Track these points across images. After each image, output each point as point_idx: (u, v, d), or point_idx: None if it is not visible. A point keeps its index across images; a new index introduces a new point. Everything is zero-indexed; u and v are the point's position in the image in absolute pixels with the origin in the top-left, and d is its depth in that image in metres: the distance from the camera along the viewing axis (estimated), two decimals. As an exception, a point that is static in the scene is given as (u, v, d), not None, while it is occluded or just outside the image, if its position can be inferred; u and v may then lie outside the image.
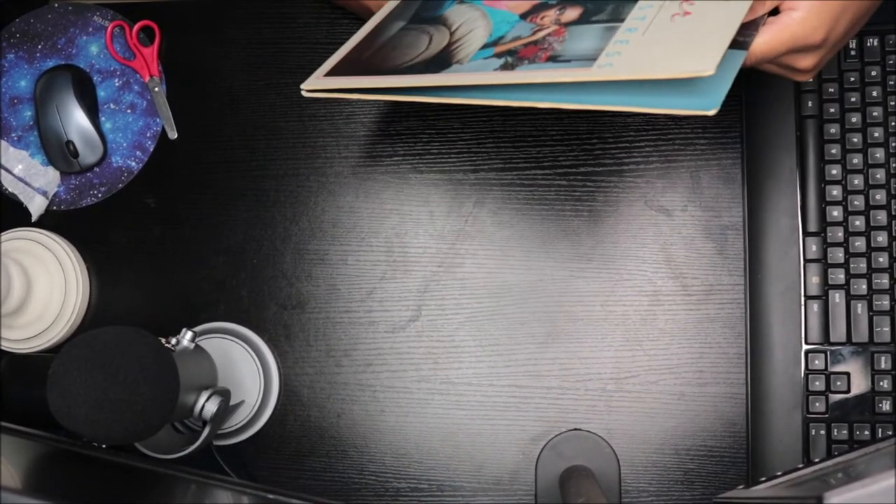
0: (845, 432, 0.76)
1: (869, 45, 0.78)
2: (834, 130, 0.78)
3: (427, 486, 0.82)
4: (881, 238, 0.77)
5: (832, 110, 0.78)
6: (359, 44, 0.68)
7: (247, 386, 0.82)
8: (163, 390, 0.63)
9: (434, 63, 0.64)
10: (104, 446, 0.66)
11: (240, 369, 0.82)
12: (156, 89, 0.86)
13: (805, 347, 0.78)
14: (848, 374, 0.77)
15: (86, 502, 0.53)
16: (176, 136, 0.86)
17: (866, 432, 0.76)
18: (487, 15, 0.67)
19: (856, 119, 0.78)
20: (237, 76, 0.86)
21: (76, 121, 0.85)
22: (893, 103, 0.78)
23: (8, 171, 0.86)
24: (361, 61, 0.67)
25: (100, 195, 0.86)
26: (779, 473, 0.64)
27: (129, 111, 0.86)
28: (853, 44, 0.78)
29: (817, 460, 0.68)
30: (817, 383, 0.77)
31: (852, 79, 0.78)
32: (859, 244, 0.77)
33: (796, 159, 0.79)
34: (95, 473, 0.63)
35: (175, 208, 0.86)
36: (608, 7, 0.64)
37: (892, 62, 0.78)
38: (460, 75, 0.62)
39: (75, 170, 0.85)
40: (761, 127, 0.79)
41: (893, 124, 0.78)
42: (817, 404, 0.77)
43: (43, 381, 0.61)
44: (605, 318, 0.82)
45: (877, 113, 0.78)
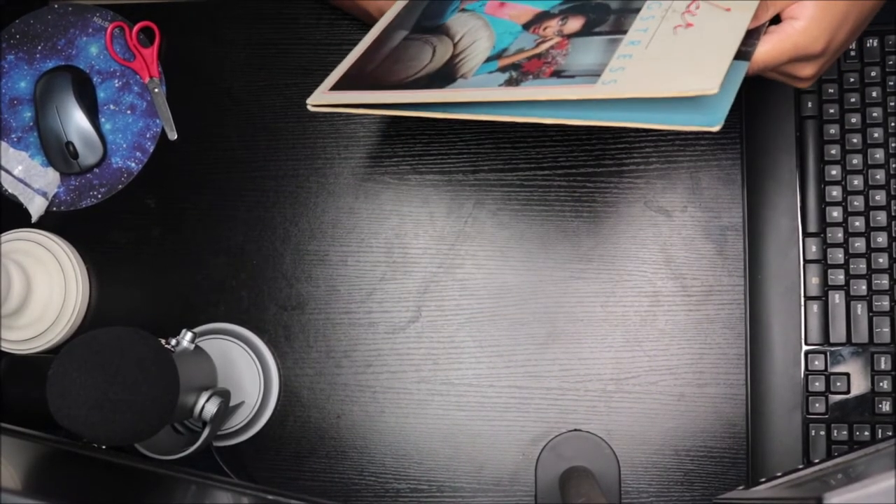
0: (845, 433, 0.76)
1: (869, 45, 0.78)
2: (834, 131, 0.78)
3: (427, 487, 0.82)
4: (881, 239, 0.77)
5: (832, 111, 0.78)
6: (362, 55, 0.68)
7: (246, 387, 0.82)
8: (163, 391, 0.63)
9: (438, 77, 0.64)
10: (104, 447, 0.66)
11: (239, 370, 0.82)
12: (156, 90, 0.86)
13: (805, 348, 0.78)
14: (848, 374, 0.77)
15: (85, 503, 0.53)
16: (176, 136, 0.86)
17: (866, 433, 0.76)
18: (490, 25, 0.68)
19: (855, 120, 0.78)
20: (237, 77, 0.87)
21: (76, 122, 0.85)
22: (893, 104, 0.78)
23: (8, 172, 0.86)
24: (365, 75, 0.67)
25: (100, 196, 0.86)
26: (779, 474, 0.64)
27: (128, 112, 0.87)
28: (853, 45, 0.78)
29: (817, 461, 0.68)
30: (817, 384, 0.77)
31: (852, 80, 0.78)
32: (859, 245, 0.77)
33: (796, 160, 0.79)
34: (95, 474, 0.63)
35: (175, 209, 0.86)
36: (610, 18, 0.64)
37: (891, 63, 0.78)
38: (466, 91, 0.63)
39: (75, 171, 0.85)
40: (761, 128, 0.79)
41: (893, 125, 0.78)
42: (817, 405, 0.77)
43: (43, 382, 0.61)
44: (604, 319, 0.82)
45: (876, 114, 0.78)
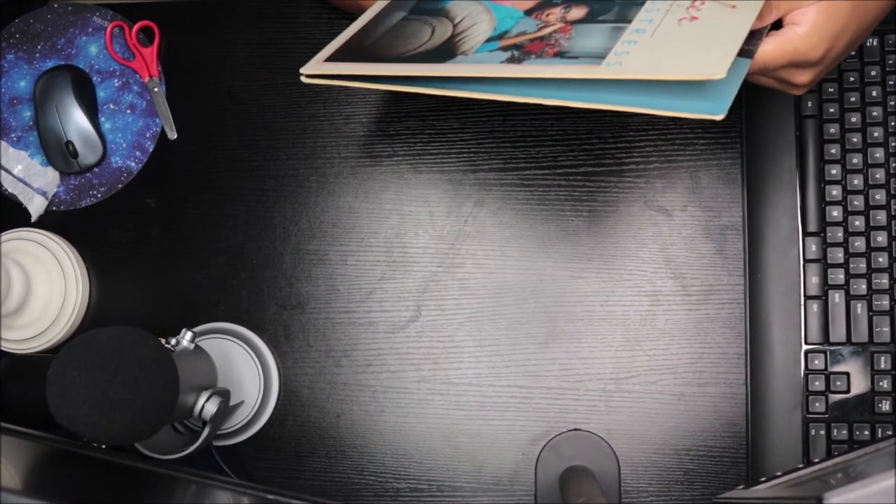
0: (845, 432, 0.76)
1: (869, 45, 0.78)
2: (833, 130, 0.78)
3: (427, 487, 0.82)
4: (881, 238, 0.77)
5: (832, 110, 0.78)
6: (359, 31, 0.67)
7: (246, 386, 0.82)
8: (162, 390, 0.63)
9: (438, 53, 0.63)
10: (104, 447, 0.66)
11: (239, 370, 0.82)
12: (155, 89, 0.86)
13: (805, 347, 0.78)
14: (848, 374, 0.77)
15: (86, 502, 0.53)
16: (175, 136, 0.86)
17: (866, 432, 0.76)
18: (491, 10, 0.67)
19: (855, 119, 0.78)
20: (237, 76, 0.86)
21: (76, 121, 0.85)
22: (893, 103, 0.78)
23: (7, 171, 0.86)
24: (362, 49, 0.65)
25: (99, 195, 0.86)
26: (779, 473, 0.64)
27: (128, 111, 0.86)
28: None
29: (817, 460, 0.68)
30: (817, 383, 0.77)
31: (852, 79, 0.78)
32: (859, 244, 0.77)
33: (796, 159, 0.79)
34: (95, 474, 0.63)
35: (175, 208, 0.86)
36: (614, 8, 0.63)
37: (891, 62, 0.78)
38: (466, 66, 0.62)
39: (75, 170, 0.85)
40: (761, 127, 0.79)
41: (893, 124, 0.78)
42: (817, 404, 0.77)
43: (42, 382, 0.61)
44: (604, 319, 0.82)
45: (876, 113, 0.78)
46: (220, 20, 0.87)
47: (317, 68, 0.64)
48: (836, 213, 0.78)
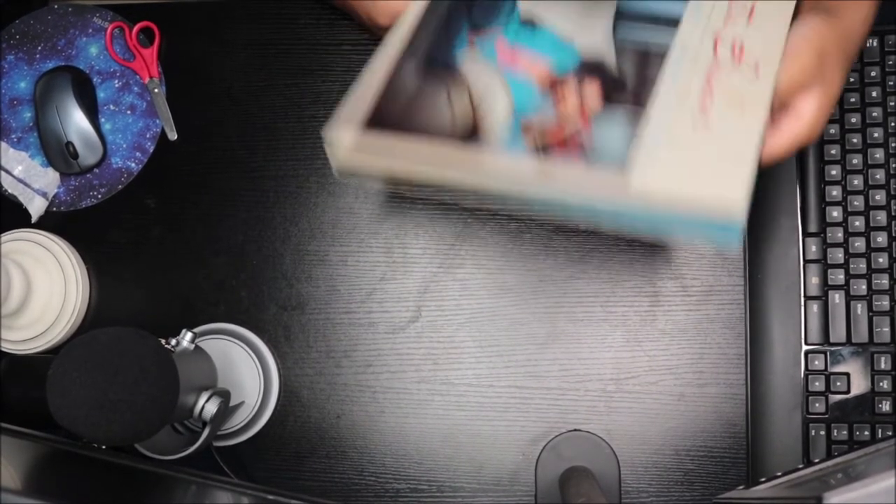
0: (845, 433, 0.76)
1: (869, 45, 0.78)
2: (833, 131, 0.78)
3: (427, 487, 0.82)
4: (881, 238, 0.77)
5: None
6: (382, 93, 0.66)
7: (247, 387, 0.82)
8: (163, 391, 0.63)
9: (463, 137, 0.65)
10: (104, 447, 0.66)
11: (239, 370, 0.82)
12: (155, 90, 0.86)
13: (805, 348, 0.78)
14: (848, 374, 0.77)
15: (85, 503, 0.53)
16: (176, 137, 0.86)
17: (866, 433, 0.76)
18: (504, 79, 0.68)
19: (855, 119, 0.78)
20: (237, 77, 0.87)
21: (76, 122, 0.85)
22: (893, 104, 0.78)
23: (8, 172, 0.86)
24: (386, 120, 0.66)
25: (99, 196, 0.86)
26: (779, 474, 0.64)
27: (128, 112, 0.87)
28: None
29: (817, 461, 0.68)
30: (817, 384, 0.77)
31: (852, 79, 0.78)
32: (859, 245, 0.77)
33: (796, 160, 0.79)
34: (95, 474, 0.63)
35: (175, 209, 0.86)
36: (627, 84, 0.66)
37: (891, 63, 0.78)
38: (498, 160, 0.64)
39: (75, 171, 0.85)
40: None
41: (893, 125, 0.78)
42: (817, 405, 0.77)
43: (43, 382, 0.61)
44: (604, 319, 0.82)
45: (876, 113, 0.78)
46: (220, 20, 0.87)
47: (357, 144, 0.64)
48: (836, 213, 0.78)
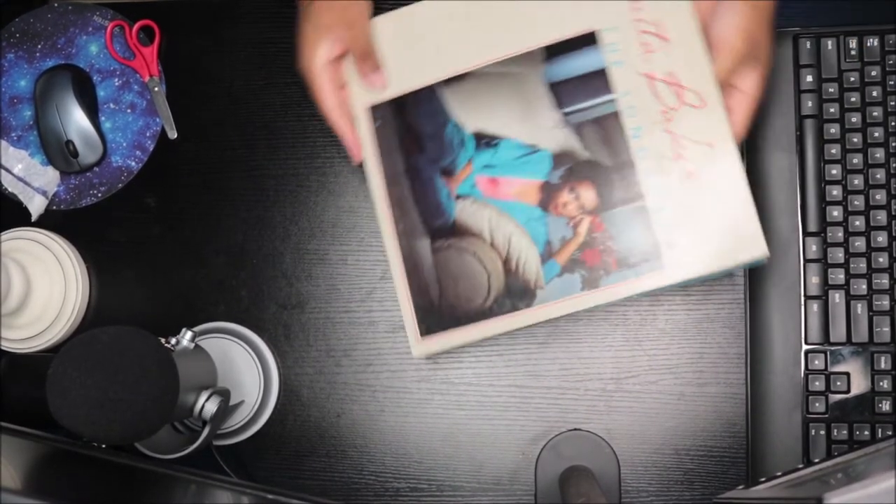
0: (845, 432, 0.76)
1: (869, 45, 0.78)
2: (834, 130, 0.78)
3: (427, 486, 0.82)
4: (881, 238, 0.77)
5: (832, 110, 0.78)
6: (412, 289, 0.74)
7: (246, 386, 0.82)
8: (163, 390, 0.63)
9: (516, 295, 0.72)
10: (104, 447, 0.66)
11: (239, 369, 0.82)
12: (155, 89, 0.86)
13: (805, 347, 0.78)
14: (848, 374, 0.77)
15: (86, 502, 0.53)
16: (176, 135, 0.86)
17: (866, 432, 0.76)
18: (507, 213, 0.73)
19: (856, 119, 0.78)
20: (237, 76, 0.86)
21: (76, 120, 0.85)
22: (893, 103, 0.78)
23: (8, 170, 0.86)
24: (437, 309, 0.74)
25: (99, 195, 0.86)
26: (779, 474, 0.64)
27: (128, 111, 0.86)
28: (853, 44, 0.78)
29: (817, 460, 0.68)
30: (817, 383, 0.77)
31: (852, 79, 0.78)
32: (859, 244, 0.77)
33: (796, 159, 0.79)
34: (95, 473, 0.63)
35: (175, 208, 0.86)
36: (614, 180, 0.71)
37: (892, 62, 0.78)
38: (560, 304, 0.71)
39: (75, 169, 0.85)
40: (761, 127, 0.79)
41: (893, 124, 0.78)
42: (817, 404, 0.77)
43: (42, 381, 0.61)
44: (605, 319, 0.82)
45: (877, 113, 0.78)
46: (220, 20, 0.87)
47: (429, 349, 0.73)
48: (836, 213, 0.78)
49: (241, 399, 0.82)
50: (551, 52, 0.72)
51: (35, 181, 0.86)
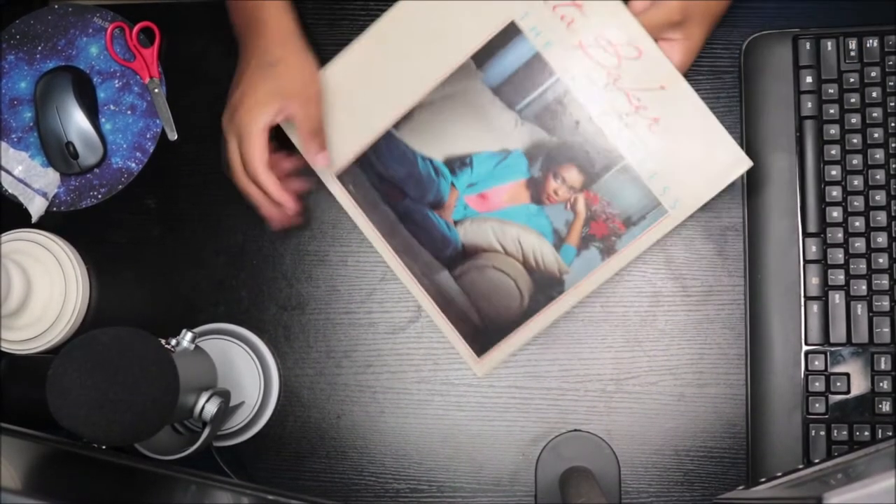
0: (845, 433, 0.76)
1: (869, 45, 0.78)
2: (834, 131, 0.78)
3: (427, 487, 0.82)
4: (881, 239, 0.77)
5: (832, 111, 0.78)
6: (453, 326, 0.78)
7: (247, 387, 0.82)
8: (163, 391, 0.63)
9: (547, 286, 0.76)
10: (104, 447, 0.66)
11: (239, 370, 0.82)
12: (156, 90, 0.86)
13: (805, 348, 0.78)
14: (848, 374, 0.77)
15: (86, 503, 0.53)
16: (176, 137, 0.86)
17: (866, 433, 0.76)
18: (506, 220, 0.76)
19: (855, 120, 0.78)
20: (237, 77, 0.86)
21: (76, 122, 0.85)
22: (893, 104, 0.78)
23: (8, 172, 0.86)
24: (484, 330, 0.77)
25: (100, 196, 0.86)
26: (779, 474, 0.64)
27: (129, 112, 0.87)
28: (853, 44, 0.78)
29: (817, 461, 0.68)
30: (817, 384, 0.77)
31: (852, 80, 0.78)
32: (859, 245, 0.77)
33: (796, 160, 0.79)
34: (95, 474, 0.63)
35: (175, 209, 0.86)
36: (589, 152, 0.74)
37: (891, 63, 0.78)
38: (588, 282, 0.76)
39: (75, 171, 0.85)
40: (761, 128, 0.79)
41: (893, 125, 0.78)
42: (817, 405, 0.77)
43: (43, 382, 0.61)
44: (604, 319, 0.82)
45: (877, 114, 0.78)
46: (221, 21, 0.87)
47: (489, 365, 0.78)
48: (836, 213, 0.78)
49: (241, 400, 0.82)
50: (480, 59, 0.75)
51: (35, 183, 0.86)
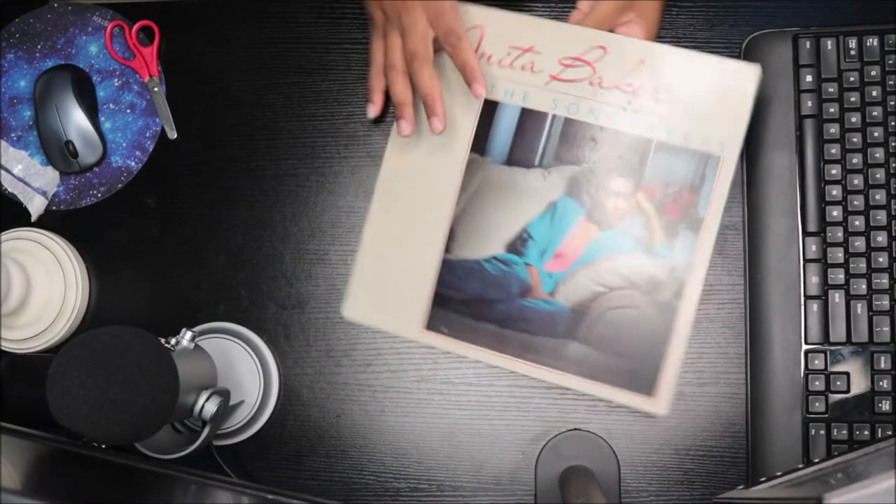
0: (845, 432, 0.76)
1: (869, 45, 0.78)
2: (834, 130, 0.78)
3: (427, 486, 0.82)
4: (881, 238, 0.77)
5: (832, 110, 0.78)
6: (619, 384, 0.75)
7: (246, 386, 0.82)
8: (162, 390, 0.63)
9: (666, 294, 0.74)
10: (104, 447, 0.66)
11: (239, 369, 0.82)
12: (155, 89, 0.86)
13: (805, 347, 0.78)
14: (847, 374, 0.77)
15: (86, 503, 0.53)
16: (175, 135, 0.86)
17: (866, 432, 0.76)
18: (590, 262, 0.75)
19: (855, 119, 0.78)
20: (237, 76, 0.86)
21: (76, 121, 0.85)
22: (893, 103, 0.78)
23: (7, 171, 0.86)
24: (641, 367, 0.75)
25: (99, 195, 0.86)
26: (779, 473, 0.64)
27: (128, 111, 0.86)
28: (853, 43, 0.78)
29: (817, 460, 0.68)
30: (817, 383, 0.77)
31: (852, 79, 0.78)
32: (859, 244, 0.77)
33: (796, 159, 0.79)
34: (95, 474, 0.63)
35: (175, 208, 0.86)
36: (620, 156, 0.74)
37: (891, 62, 0.78)
38: (697, 261, 0.74)
39: (75, 170, 0.85)
40: (761, 126, 0.79)
41: (893, 124, 0.78)
42: (817, 404, 0.77)
43: (43, 382, 0.61)
44: (604, 318, 0.82)
45: (876, 113, 0.78)
46: (220, 20, 0.87)
47: (666, 398, 0.75)
48: (836, 212, 0.78)
49: (240, 399, 0.82)
50: (479, 146, 0.75)
51: (35, 181, 0.86)
